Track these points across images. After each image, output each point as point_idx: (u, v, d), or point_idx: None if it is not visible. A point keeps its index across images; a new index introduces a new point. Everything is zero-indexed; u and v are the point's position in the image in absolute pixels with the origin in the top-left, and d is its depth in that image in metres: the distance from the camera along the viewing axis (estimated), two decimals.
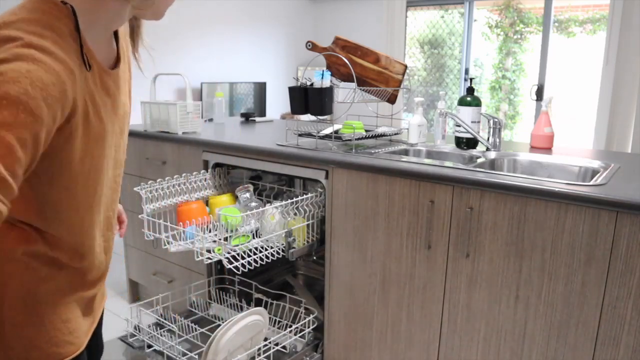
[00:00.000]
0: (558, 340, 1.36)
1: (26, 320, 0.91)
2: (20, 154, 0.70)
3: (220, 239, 1.69)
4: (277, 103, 5.69)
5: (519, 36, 4.96)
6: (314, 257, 2.57)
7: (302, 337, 1.86)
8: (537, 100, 4.69)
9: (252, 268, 1.66)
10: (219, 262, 2.03)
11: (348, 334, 1.80)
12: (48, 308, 0.94)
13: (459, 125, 1.89)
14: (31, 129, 0.71)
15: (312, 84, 1.84)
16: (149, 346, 1.79)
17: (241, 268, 1.62)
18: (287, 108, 5.75)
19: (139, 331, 1.82)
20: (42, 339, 0.94)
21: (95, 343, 1.23)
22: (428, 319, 1.59)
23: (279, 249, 1.74)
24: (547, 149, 1.94)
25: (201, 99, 4.60)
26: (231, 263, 1.62)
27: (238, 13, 5.12)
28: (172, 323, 1.91)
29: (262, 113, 5.27)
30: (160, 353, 1.74)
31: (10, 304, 0.89)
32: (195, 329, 1.93)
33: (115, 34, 0.99)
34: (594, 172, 1.65)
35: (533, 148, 1.97)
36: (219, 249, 1.64)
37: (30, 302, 0.91)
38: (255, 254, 1.70)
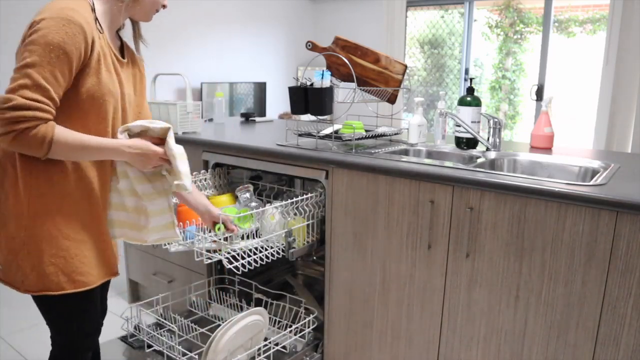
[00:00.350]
0: (558, 340, 1.36)
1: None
2: (61, 81, 1.14)
3: (220, 239, 1.69)
4: (277, 103, 5.69)
5: (519, 36, 4.96)
6: (314, 257, 2.57)
7: (302, 337, 1.86)
8: (537, 100, 4.69)
9: (252, 268, 1.66)
10: (219, 262, 2.03)
11: (348, 334, 1.80)
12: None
13: (459, 125, 1.89)
14: (67, 63, 1.13)
15: (312, 84, 1.84)
16: (149, 346, 1.79)
17: (241, 268, 1.62)
18: (287, 108, 5.75)
19: (139, 331, 1.82)
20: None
21: (102, 303, 1.48)
22: (428, 319, 1.59)
23: (279, 249, 1.74)
24: (547, 149, 1.94)
25: (201, 99, 4.60)
26: (231, 263, 1.62)
27: (238, 13, 5.12)
28: (172, 323, 1.91)
29: (262, 113, 5.27)
30: (160, 353, 1.74)
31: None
32: (195, 329, 1.93)
33: (121, 40, 1.38)
34: (594, 172, 1.65)
35: (533, 148, 1.97)
36: (226, 244, 1.64)
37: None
38: (255, 254, 1.70)
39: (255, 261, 1.68)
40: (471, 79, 2.04)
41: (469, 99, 1.89)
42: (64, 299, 1.25)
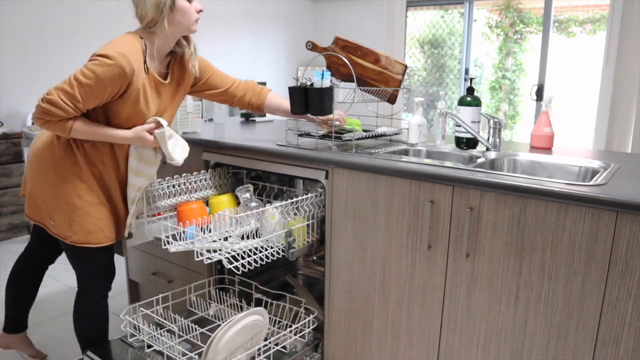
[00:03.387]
0: (558, 340, 1.36)
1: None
2: (91, 100, 1.52)
3: (220, 239, 1.69)
4: None
5: (519, 36, 4.97)
6: (314, 257, 2.57)
7: (302, 337, 1.86)
8: (537, 100, 4.69)
9: (252, 268, 1.66)
10: (219, 262, 2.03)
11: (348, 334, 1.80)
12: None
13: (459, 125, 1.89)
14: (100, 90, 1.51)
15: (312, 84, 1.84)
16: (149, 346, 1.79)
17: (241, 268, 1.62)
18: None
19: (139, 331, 1.82)
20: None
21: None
22: (428, 319, 1.59)
23: (279, 249, 1.74)
24: (547, 149, 1.94)
25: (201, 99, 4.59)
26: (231, 263, 1.61)
27: (238, 13, 5.12)
28: (172, 323, 1.91)
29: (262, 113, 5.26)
30: (160, 353, 1.74)
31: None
32: (195, 329, 1.93)
33: (176, 60, 1.79)
34: (594, 172, 1.65)
35: (533, 148, 1.97)
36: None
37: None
38: (255, 254, 1.70)
39: (255, 261, 1.68)
40: (471, 79, 2.04)
41: (469, 99, 1.89)
42: (98, 251, 1.69)
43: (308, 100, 1.84)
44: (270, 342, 1.78)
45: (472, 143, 1.91)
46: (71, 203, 1.62)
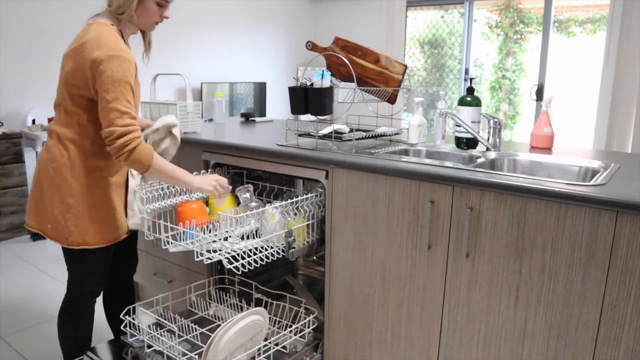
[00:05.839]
0: (558, 340, 1.36)
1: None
2: (132, 102, 1.54)
3: (220, 239, 1.69)
4: (277, 103, 5.70)
5: (519, 36, 4.97)
6: (314, 257, 2.57)
7: (302, 337, 1.86)
8: (537, 100, 4.69)
9: (252, 268, 1.66)
10: (219, 262, 2.02)
11: (348, 334, 1.80)
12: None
13: (459, 125, 1.89)
14: (130, 89, 1.53)
15: (312, 84, 1.84)
16: (149, 346, 1.79)
17: (241, 268, 1.62)
18: (287, 108, 5.75)
19: (139, 331, 1.82)
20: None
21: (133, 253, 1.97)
22: (428, 319, 1.59)
23: (279, 249, 1.74)
24: (547, 149, 1.94)
25: (201, 99, 4.60)
26: (231, 263, 1.61)
27: (238, 13, 5.12)
28: (172, 323, 1.91)
29: (262, 113, 5.27)
30: (160, 353, 1.74)
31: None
32: (195, 329, 1.93)
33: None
34: (594, 172, 1.65)
35: (533, 148, 1.97)
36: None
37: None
38: (255, 254, 1.70)
39: (255, 261, 1.68)
40: (471, 79, 2.04)
41: (469, 99, 1.89)
42: (92, 252, 1.65)
43: (308, 101, 1.84)
44: (270, 342, 1.78)
45: (472, 143, 1.91)
46: (65, 202, 1.59)
